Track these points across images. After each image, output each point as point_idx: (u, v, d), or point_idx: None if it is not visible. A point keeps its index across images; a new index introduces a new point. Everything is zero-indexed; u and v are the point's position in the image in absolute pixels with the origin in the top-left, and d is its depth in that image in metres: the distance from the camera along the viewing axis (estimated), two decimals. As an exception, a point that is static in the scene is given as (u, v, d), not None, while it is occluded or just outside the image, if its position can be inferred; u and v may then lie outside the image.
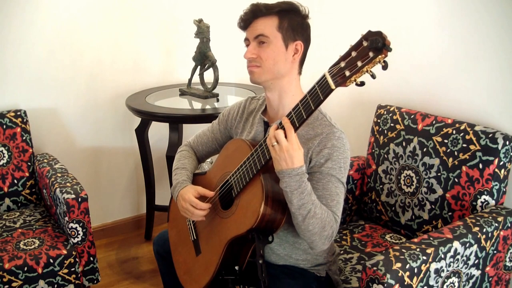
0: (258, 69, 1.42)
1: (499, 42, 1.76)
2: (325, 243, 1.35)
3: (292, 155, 1.23)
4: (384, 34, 1.04)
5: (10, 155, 2.28)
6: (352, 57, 1.09)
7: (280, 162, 1.24)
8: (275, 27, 1.39)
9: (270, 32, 1.39)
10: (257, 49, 1.41)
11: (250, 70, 1.44)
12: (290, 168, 1.24)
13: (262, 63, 1.41)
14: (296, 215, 1.29)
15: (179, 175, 1.61)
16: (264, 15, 1.40)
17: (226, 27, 2.91)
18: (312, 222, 1.29)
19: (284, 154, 1.23)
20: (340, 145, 1.38)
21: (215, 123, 1.71)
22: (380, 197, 2.02)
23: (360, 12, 2.27)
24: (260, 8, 1.40)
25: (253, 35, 1.41)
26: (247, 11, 1.42)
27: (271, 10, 1.40)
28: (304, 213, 1.28)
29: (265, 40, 1.39)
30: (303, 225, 1.30)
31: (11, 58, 2.39)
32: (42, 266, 1.89)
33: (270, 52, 1.39)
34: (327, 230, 1.32)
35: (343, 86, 1.13)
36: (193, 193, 1.49)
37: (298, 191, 1.26)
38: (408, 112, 1.96)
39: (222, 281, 1.46)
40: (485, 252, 1.58)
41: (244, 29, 1.45)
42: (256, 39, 1.41)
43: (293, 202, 1.28)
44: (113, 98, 2.72)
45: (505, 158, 1.68)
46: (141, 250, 2.78)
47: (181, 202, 1.52)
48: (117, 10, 2.63)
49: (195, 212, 1.47)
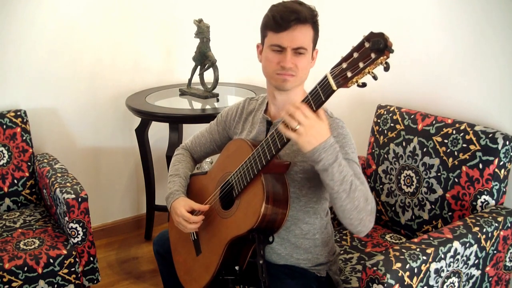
0: (293, 78, 1.38)
1: (499, 42, 1.76)
2: (371, 220, 1.29)
3: (318, 130, 1.19)
4: (386, 36, 1.04)
5: (10, 155, 2.28)
6: (354, 58, 1.09)
7: (310, 141, 1.19)
8: (311, 38, 1.37)
9: (308, 43, 1.36)
10: (294, 58, 1.36)
11: (284, 78, 1.38)
12: (322, 141, 1.19)
13: (297, 73, 1.38)
14: (340, 193, 1.23)
15: (171, 183, 1.61)
16: (305, 23, 1.33)
17: (226, 27, 2.92)
18: (357, 196, 1.24)
19: (311, 131, 1.18)
20: (345, 132, 1.40)
21: (213, 124, 1.71)
22: (380, 197, 2.03)
23: (360, 12, 2.27)
24: (305, 14, 1.33)
25: (293, 45, 1.34)
26: (288, 13, 1.32)
27: (311, 19, 1.34)
28: (347, 188, 1.23)
29: (303, 52, 1.36)
30: (349, 203, 1.24)
31: (11, 58, 2.39)
32: (42, 266, 1.89)
33: (306, 63, 1.38)
34: (370, 203, 1.28)
35: (344, 87, 1.13)
36: (185, 206, 1.50)
37: (336, 163, 1.21)
38: (408, 112, 1.96)
39: (222, 281, 1.47)
40: (485, 252, 1.58)
41: (278, 32, 1.34)
42: (295, 49, 1.35)
43: (335, 178, 1.22)
44: (113, 98, 2.72)
45: (505, 158, 1.68)
46: (141, 250, 2.78)
47: (173, 214, 1.54)
48: (117, 10, 2.63)
49: (188, 226, 1.49)
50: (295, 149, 1.43)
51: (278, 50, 1.36)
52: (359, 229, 1.30)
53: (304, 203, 1.47)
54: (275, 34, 1.35)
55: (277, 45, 1.36)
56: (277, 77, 1.39)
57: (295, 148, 1.42)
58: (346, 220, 1.28)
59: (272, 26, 1.35)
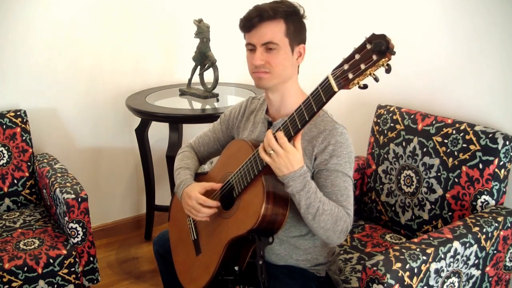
0: (267, 75, 1.39)
1: (499, 42, 1.76)
2: (340, 237, 1.36)
3: (290, 159, 1.24)
4: (388, 37, 1.03)
5: (10, 155, 2.28)
6: (355, 59, 1.09)
7: (281, 168, 1.26)
8: (283, 33, 1.37)
9: (279, 38, 1.36)
10: (265, 54, 1.37)
11: (257, 76, 1.40)
12: (292, 171, 1.26)
13: (271, 69, 1.38)
14: (306, 214, 1.31)
15: (182, 174, 1.60)
16: (271, 19, 1.36)
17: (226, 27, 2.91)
18: (323, 219, 1.31)
19: (282, 160, 1.24)
20: (344, 140, 1.39)
21: (217, 124, 1.71)
22: (380, 197, 2.02)
23: (362, 14, 2.27)
24: (267, 11, 1.36)
25: (261, 41, 1.37)
26: (252, 12, 1.37)
27: (278, 14, 1.36)
28: (313, 212, 1.30)
29: (274, 47, 1.36)
30: (314, 224, 1.32)
31: (11, 58, 2.39)
32: (42, 266, 1.89)
33: (280, 59, 1.38)
34: (340, 225, 1.34)
35: (346, 89, 1.13)
36: (199, 190, 1.48)
37: (304, 191, 1.28)
38: (408, 112, 1.96)
39: (221, 281, 1.47)
40: (485, 252, 1.58)
41: (248, 31, 1.40)
42: (264, 45, 1.37)
43: (301, 203, 1.30)
44: (113, 98, 2.72)
45: (505, 158, 1.68)
46: (141, 250, 2.78)
47: (186, 200, 1.50)
48: (117, 10, 2.63)
49: (201, 210, 1.45)
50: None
51: (251, 50, 1.41)
52: (326, 241, 1.40)
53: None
54: (247, 34, 1.41)
55: (249, 44, 1.41)
56: (254, 76, 1.42)
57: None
58: (314, 232, 1.38)
59: (242, 27, 1.42)
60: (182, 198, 1.53)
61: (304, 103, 1.21)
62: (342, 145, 1.38)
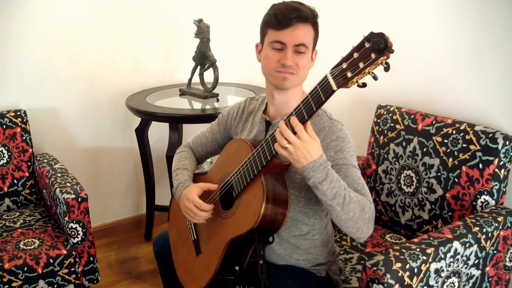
0: (293, 76, 1.39)
1: (499, 42, 1.76)
2: (369, 227, 1.31)
3: (309, 150, 1.19)
4: (386, 36, 1.04)
5: (10, 155, 2.28)
6: (354, 58, 1.09)
7: (299, 160, 1.20)
8: (312, 38, 1.38)
9: (309, 42, 1.37)
10: (294, 56, 1.36)
11: (283, 75, 1.38)
12: (311, 161, 1.21)
13: (297, 71, 1.38)
14: (333, 206, 1.25)
15: (180, 175, 1.60)
16: (306, 21, 1.35)
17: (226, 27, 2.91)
18: (351, 208, 1.25)
19: (300, 151, 1.19)
20: (344, 135, 1.40)
21: (215, 124, 1.71)
22: (380, 197, 2.02)
23: (361, 13, 2.27)
24: (306, 13, 1.34)
25: (294, 42, 1.35)
26: (290, 11, 1.34)
27: (310, 17, 1.35)
28: (341, 201, 1.24)
29: (304, 50, 1.36)
30: (344, 215, 1.26)
31: (11, 58, 2.39)
32: (42, 266, 1.89)
33: (306, 62, 1.39)
34: (367, 212, 1.30)
35: (344, 88, 1.13)
36: (197, 192, 1.48)
37: (327, 181, 1.22)
38: (408, 112, 1.96)
39: (222, 282, 1.47)
40: (485, 252, 1.58)
41: (279, 29, 1.35)
42: (296, 46, 1.36)
43: (327, 194, 1.23)
44: (113, 98, 2.72)
45: (505, 158, 1.68)
46: (141, 250, 2.78)
47: (184, 202, 1.51)
48: (117, 10, 2.63)
49: (198, 213, 1.46)
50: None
51: (278, 48, 1.37)
52: (357, 236, 1.33)
53: (303, 204, 1.47)
54: (276, 31, 1.36)
55: (278, 41, 1.36)
56: (277, 75, 1.39)
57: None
58: (343, 228, 1.31)
59: (274, 23, 1.36)
60: (181, 200, 1.54)
61: (303, 103, 1.21)
62: (344, 139, 1.39)
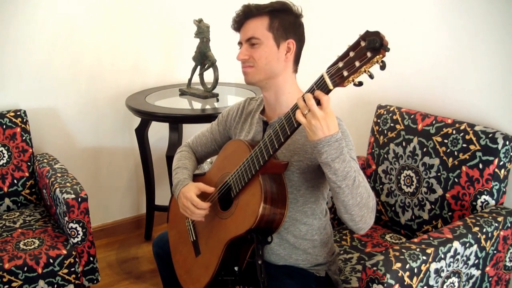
0: (252, 69, 1.43)
1: (499, 42, 1.76)
2: (372, 217, 1.30)
3: (328, 123, 1.16)
4: (382, 34, 1.04)
5: (10, 155, 2.28)
6: (350, 57, 1.09)
7: (316, 132, 1.17)
8: (265, 28, 1.40)
9: (261, 33, 1.40)
10: (250, 50, 1.43)
11: (244, 71, 1.45)
12: (328, 135, 1.17)
13: (255, 63, 1.42)
14: (342, 188, 1.22)
15: (180, 174, 1.61)
16: (255, 16, 1.42)
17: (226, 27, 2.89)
18: (359, 192, 1.23)
19: (319, 123, 1.15)
20: (343, 130, 1.39)
21: (214, 124, 1.71)
22: (380, 197, 2.02)
23: (358, 12, 2.27)
24: (251, 9, 1.42)
25: (245, 37, 1.43)
26: (239, 12, 1.45)
27: (262, 10, 1.41)
28: (350, 183, 1.22)
29: (256, 42, 1.41)
30: (351, 199, 1.23)
31: (11, 58, 2.39)
32: (42, 266, 1.89)
33: (262, 52, 1.41)
34: (371, 201, 1.28)
35: (341, 87, 1.12)
36: (194, 191, 1.49)
37: (340, 159, 1.20)
38: (408, 112, 1.96)
39: (221, 282, 1.46)
40: (485, 252, 1.58)
41: (237, 31, 1.47)
42: (248, 41, 1.42)
43: (338, 173, 1.20)
44: (113, 98, 2.72)
45: (505, 158, 1.67)
46: (141, 250, 2.78)
47: (182, 200, 1.52)
48: (117, 10, 2.63)
49: (195, 211, 1.47)
50: (291, 149, 1.43)
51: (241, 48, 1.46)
52: (359, 225, 1.30)
53: (301, 203, 1.46)
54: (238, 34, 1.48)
55: (239, 43, 1.47)
56: (242, 71, 1.47)
57: (292, 148, 1.42)
58: (347, 215, 1.28)
59: (233, 28, 1.50)
60: (179, 198, 1.54)
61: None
62: (343, 133, 1.37)
